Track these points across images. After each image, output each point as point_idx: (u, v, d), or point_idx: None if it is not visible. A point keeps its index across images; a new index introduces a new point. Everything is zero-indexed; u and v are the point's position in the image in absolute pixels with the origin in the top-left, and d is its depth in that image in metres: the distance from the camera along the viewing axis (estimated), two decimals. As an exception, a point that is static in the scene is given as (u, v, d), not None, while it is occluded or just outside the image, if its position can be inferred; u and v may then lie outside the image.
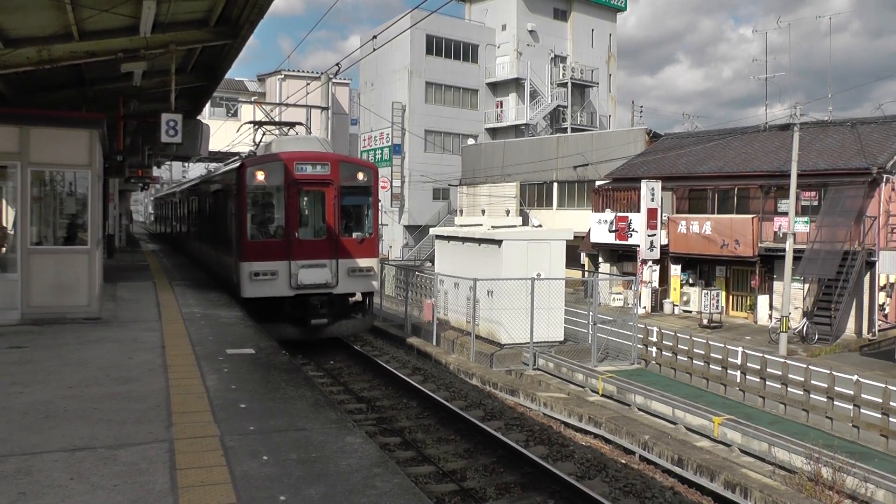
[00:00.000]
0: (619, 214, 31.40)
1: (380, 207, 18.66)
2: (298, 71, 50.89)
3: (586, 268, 34.47)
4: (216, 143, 33.23)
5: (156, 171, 39.87)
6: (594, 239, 32.61)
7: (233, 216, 17.71)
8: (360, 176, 17.92)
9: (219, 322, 13.01)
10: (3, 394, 7.78)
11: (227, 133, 36.84)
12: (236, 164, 18.14)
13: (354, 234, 17.95)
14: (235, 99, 50.98)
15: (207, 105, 25.76)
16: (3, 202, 13.41)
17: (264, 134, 22.16)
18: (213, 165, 37.98)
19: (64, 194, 13.66)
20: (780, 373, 18.27)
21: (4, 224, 13.19)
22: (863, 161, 25.72)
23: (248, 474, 5.57)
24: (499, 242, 20.49)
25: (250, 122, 23.10)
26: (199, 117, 22.51)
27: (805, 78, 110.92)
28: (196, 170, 45.37)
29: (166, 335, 11.36)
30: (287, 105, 32.49)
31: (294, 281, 16.94)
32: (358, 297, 19.10)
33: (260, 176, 16.93)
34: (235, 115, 48.31)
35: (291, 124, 23.68)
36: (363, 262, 17.79)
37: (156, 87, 16.01)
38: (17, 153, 12.17)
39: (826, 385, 16.97)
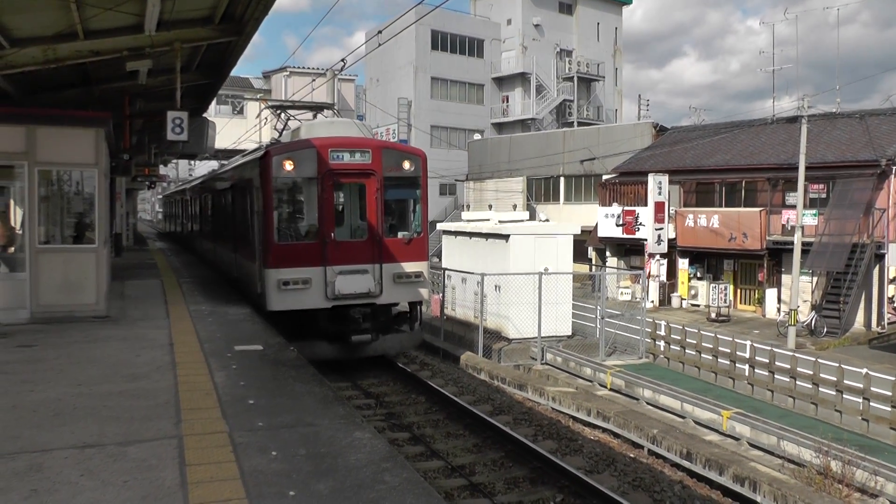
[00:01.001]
0: (626, 208, 31.35)
1: (428, 202, 16.05)
2: (304, 68, 50.91)
3: (594, 262, 34.44)
4: (222, 140, 33.32)
5: (162, 170, 39.90)
6: (601, 233, 32.56)
7: (255, 214, 15.04)
8: (407, 165, 15.22)
9: (227, 319, 13.04)
10: (14, 392, 7.82)
11: (234, 130, 36.91)
12: (259, 153, 15.28)
13: (400, 234, 15.39)
14: (241, 96, 51.05)
15: (213, 103, 25.80)
16: (11, 202, 13.45)
17: (288, 119, 18.66)
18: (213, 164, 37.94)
19: (71, 193, 13.70)
20: (788, 366, 18.22)
21: (13, 224, 13.23)
22: (871, 153, 25.60)
23: (257, 470, 5.59)
24: (506, 237, 20.47)
25: (270, 105, 19.55)
26: (204, 115, 22.57)
27: (814, 70, 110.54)
28: (202, 168, 45.46)
29: (174, 332, 11.39)
30: (293, 102, 32.48)
31: (330, 290, 14.39)
32: (402, 306, 16.44)
33: (288, 166, 14.24)
34: (241, 112, 48.38)
35: (319, 107, 20.28)
36: (411, 267, 15.18)
37: (161, 85, 16.03)
38: (25, 153, 12.21)
39: (835, 378, 16.91)
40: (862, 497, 11.24)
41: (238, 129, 40.88)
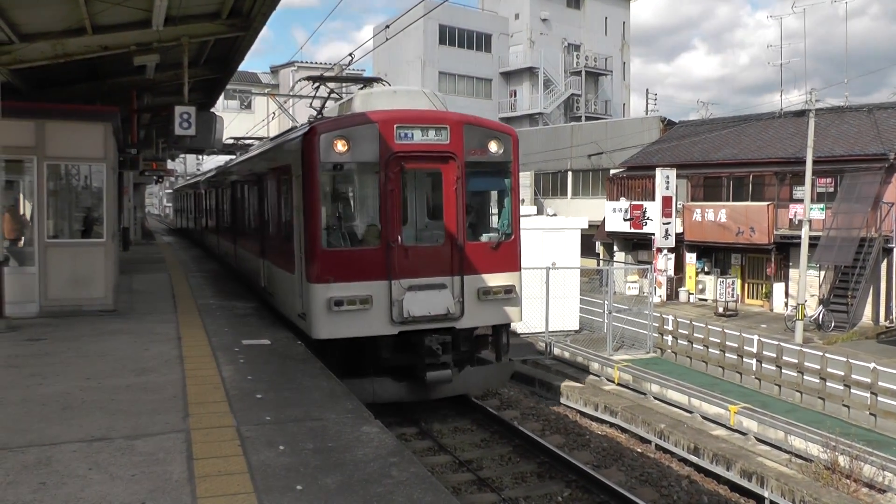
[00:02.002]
0: (633, 203, 31.27)
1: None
2: (312, 62, 50.93)
3: (601, 257, 34.38)
4: (230, 134, 33.35)
5: (170, 164, 40.04)
6: (609, 228, 32.50)
7: (295, 211, 11.84)
8: (494, 147, 11.78)
9: (235, 313, 13.08)
10: (23, 385, 7.87)
11: (241, 125, 36.96)
12: (300, 132, 11.98)
13: (485, 237, 12.10)
14: (249, 91, 51.14)
15: (221, 97, 25.83)
16: (21, 196, 13.51)
17: (330, 93, 15.05)
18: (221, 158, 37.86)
19: (79, 188, 13.76)
20: (796, 361, 18.19)
21: (25, 216, 13.28)
22: (880, 147, 25.47)
23: (265, 464, 5.61)
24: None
25: (307, 78, 15.74)
26: (212, 109, 22.60)
27: (823, 63, 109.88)
28: (210, 163, 45.52)
29: (182, 326, 11.44)
30: (300, 97, 32.51)
31: (397, 311, 11.00)
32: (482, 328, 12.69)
33: (341, 147, 10.97)
34: (249, 107, 48.46)
35: (368, 80, 16.24)
36: (499, 279, 11.75)
37: (169, 80, 16.05)
38: (34, 147, 12.27)
39: (843, 373, 16.87)
40: (870, 492, 11.23)
41: (246, 124, 40.99)
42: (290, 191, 12.10)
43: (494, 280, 11.72)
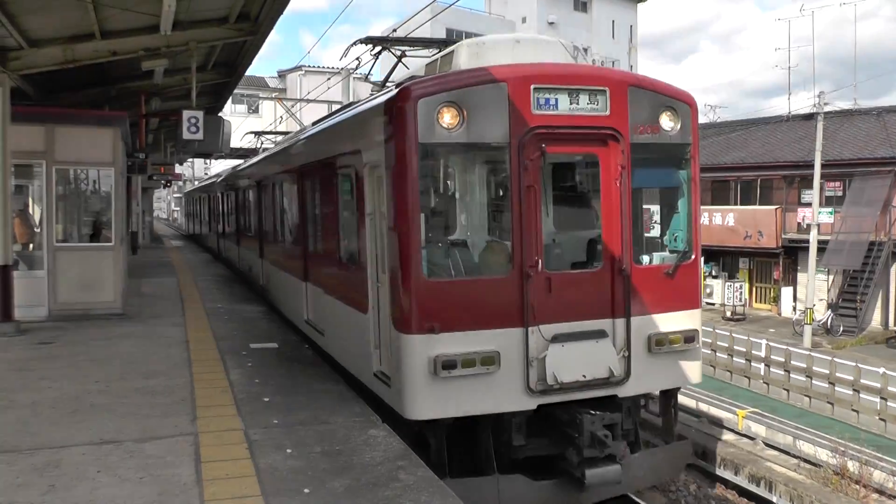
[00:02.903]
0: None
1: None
2: (319, 67, 51.03)
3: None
4: (237, 139, 33.45)
5: (178, 169, 40.18)
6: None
7: (369, 220, 8.07)
8: (669, 121, 7.99)
9: (242, 317, 13.11)
10: (33, 389, 7.91)
11: (249, 128, 36.99)
12: (380, 97, 8.21)
13: (657, 257, 8.32)
14: (256, 95, 51.30)
15: (228, 101, 25.93)
16: (30, 200, 13.59)
17: (402, 55, 10.96)
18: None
19: (88, 192, 13.84)
20: (804, 365, 18.10)
21: (32, 216, 13.34)
22: (889, 150, 25.38)
23: (273, 467, 5.62)
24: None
25: (366, 41, 10.76)
26: (220, 114, 22.68)
27: (832, 66, 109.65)
28: (217, 167, 45.62)
29: (190, 330, 11.47)
30: (308, 101, 32.61)
31: (537, 375, 7.24)
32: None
33: (449, 118, 7.10)
34: (256, 111, 48.61)
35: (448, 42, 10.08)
36: (677, 322, 7.97)
37: (177, 84, 16.13)
38: (43, 152, 12.35)
39: (852, 377, 16.78)
40: (880, 498, 11.16)
41: (254, 128, 41.00)
42: (358, 190, 8.25)
43: (670, 322, 7.87)
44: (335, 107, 13.19)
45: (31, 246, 12.90)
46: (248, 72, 17.76)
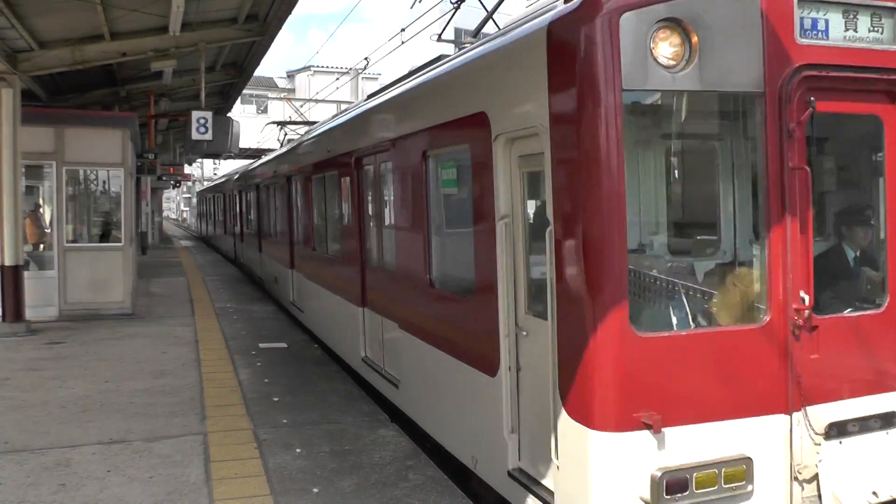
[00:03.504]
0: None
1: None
2: (328, 67, 51.04)
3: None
4: (246, 139, 33.54)
5: (187, 169, 40.28)
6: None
7: (510, 227, 4.87)
8: None
9: (251, 317, 13.11)
10: (43, 388, 7.94)
11: (258, 129, 37.09)
12: (543, 20, 4.36)
13: None
14: (265, 95, 51.40)
15: (237, 102, 25.99)
16: (41, 201, 13.66)
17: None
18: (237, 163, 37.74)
19: (98, 193, 13.90)
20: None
21: (43, 216, 13.40)
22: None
23: (282, 466, 5.62)
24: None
25: None
26: (228, 114, 22.72)
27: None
28: (226, 166, 45.66)
29: (199, 330, 11.49)
30: (317, 101, 32.63)
31: (808, 494, 4.08)
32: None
33: (669, 48, 3.87)
34: (265, 111, 48.71)
35: None
36: None
37: (186, 85, 16.17)
38: (53, 153, 12.41)
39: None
40: None
41: (262, 128, 41.07)
42: (478, 179, 5.27)
43: None
44: (343, 107, 11.49)
45: (41, 246, 12.96)
46: (257, 72, 17.77)
